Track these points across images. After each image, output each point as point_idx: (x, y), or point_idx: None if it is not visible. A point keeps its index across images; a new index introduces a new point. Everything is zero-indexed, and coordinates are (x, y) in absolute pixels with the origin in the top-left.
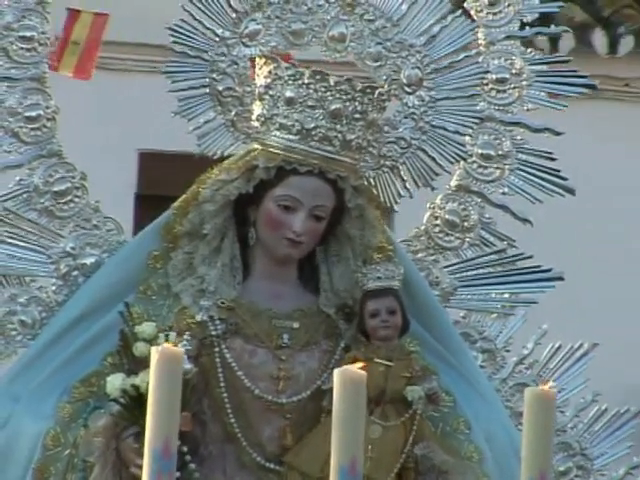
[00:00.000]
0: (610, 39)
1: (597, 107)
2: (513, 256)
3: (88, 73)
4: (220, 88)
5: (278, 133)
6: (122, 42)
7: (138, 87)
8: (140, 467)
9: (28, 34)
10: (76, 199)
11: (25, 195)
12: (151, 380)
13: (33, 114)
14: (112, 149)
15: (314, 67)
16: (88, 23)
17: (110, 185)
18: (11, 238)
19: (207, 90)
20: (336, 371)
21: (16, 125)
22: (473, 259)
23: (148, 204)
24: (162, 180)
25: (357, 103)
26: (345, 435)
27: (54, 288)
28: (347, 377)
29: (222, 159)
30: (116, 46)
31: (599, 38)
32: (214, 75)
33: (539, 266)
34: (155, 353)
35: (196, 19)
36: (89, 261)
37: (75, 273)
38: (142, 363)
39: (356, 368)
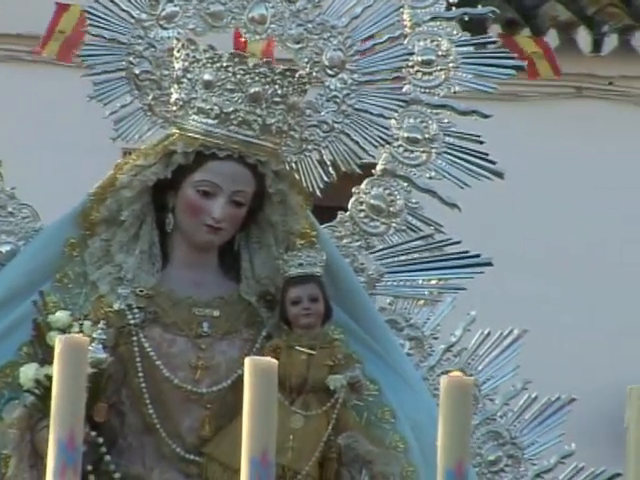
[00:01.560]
0: (594, 38)
1: (581, 106)
2: (440, 241)
3: (69, 58)
4: (137, 71)
5: (196, 117)
6: None
7: None
8: None
9: None
10: None
11: None
12: (55, 370)
13: None
14: (97, 147)
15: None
16: (76, 16)
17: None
18: None
19: (123, 74)
20: (247, 360)
21: None
22: (399, 245)
23: None
24: None
25: (277, 86)
26: (256, 426)
27: None
28: (257, 366)
29: None
30: None
31: (583, 37)
32: (131, 58)
33: (467, 251)
34: (59, 343)
35: (112, 1)
36: (4, 249)
37: None
38: None
39: (270, 357)
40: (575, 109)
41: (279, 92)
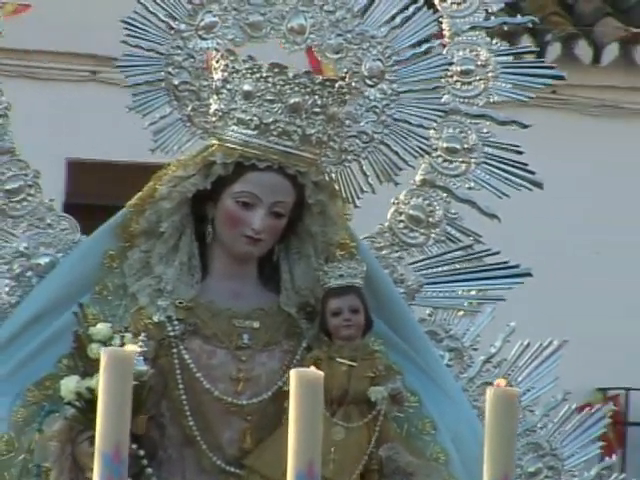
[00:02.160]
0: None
1: (524, 114)
2: (480, 252)
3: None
4: (176, 82)
5: (236, 128)
6: (51, 51)
7: (67, 96)
8: None
9: None
10: (29, 197)
11: None
12: (101, 382)
13: None
14: (40, 157)
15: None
16: (10, 10)
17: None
18: None
19: (163, 84)
20: (292, 372)
21: None
22: (439, 255)
23: (76, 213)
24: (90, 189)
25: (317, 97)
26: (302, 438)
27: (7, 289)
28: (303, 378)
29: (153, 167)
30: (45, 55)
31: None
32: (170, 69)
33: (506, 262)
34: (104, 355)
35: (150, 11)
36: (43, 261)
37: (29, 273)
38: (97, 365)
39: (313, 369)
40: (518, 117)
41: (319, 102)
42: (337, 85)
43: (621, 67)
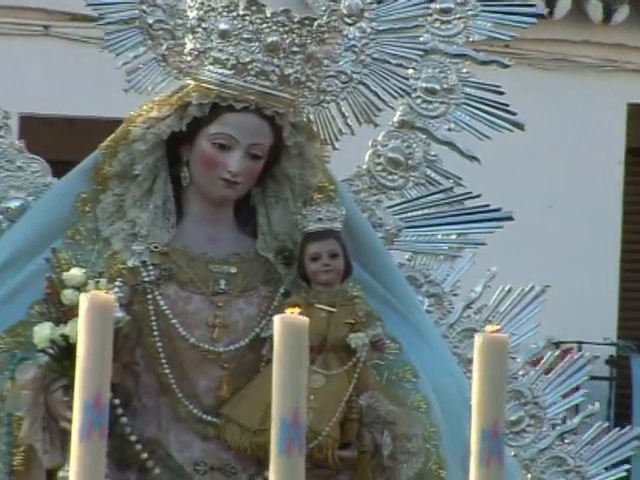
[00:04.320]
0: None
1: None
2: (460, 195)
3: None
4: (150, 21)
5: (212, 68)
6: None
7: (18, 50)
8: (70, 421)
9: None
10: None
11: None
12: (80, 329)
13: None
14: None
15: None
16: None
17: None
18: None
19: (136, 23)
20: (276, 317)
21: None
22: (418, 199)
23: None
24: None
25: (295, 35)
26: (287, 385)
27: None
28: (288, 323)
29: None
30: None
31: None
32: (144, 7)
33: (487, 205)
34: (84, 301)
35: None
36: (14, 205)
37: None
38: (71, 312)
39: (297, 314)
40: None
41: (297, 42)
42: (316, 24)
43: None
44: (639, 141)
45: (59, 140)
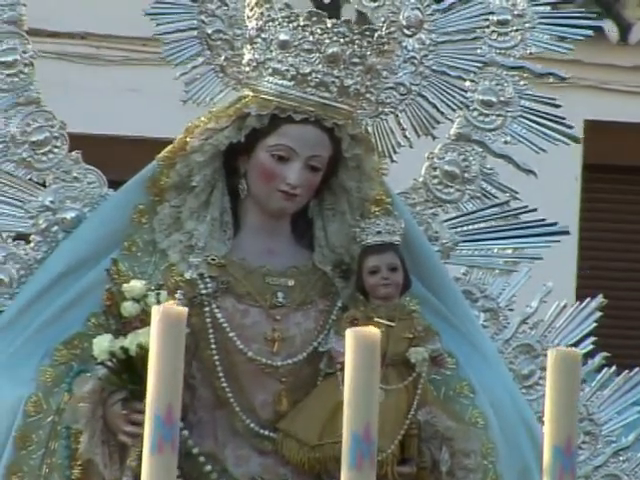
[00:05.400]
0: None
1: None
2: (516, 209)
3: None
4: (209, 31)
5: (271, 79)
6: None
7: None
8: (129, 434)
9: None
10: (55, 149)
11: (1, 145)
12: (152, 342)
13: (9, 59)
14: None
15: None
16: None
17: None
18: None
19: (195, 33)
20: (349, 331)
21: None
22: (474, 212)
23: None
24: None
25: (356, 46)
26: (358, 399)
27: (33, 245)
28: (360, 337)
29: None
30: None
31: None
32: (202, 17)
33: (543, 219)
34: (156, 313)
35: None
36: (69, 215)
37: (55, 228)
38: (130, 324)
39: (369, 328)
40: None
41: (358, 53)
42: (376, 35)
43: None
44: (596, 158)
45: None
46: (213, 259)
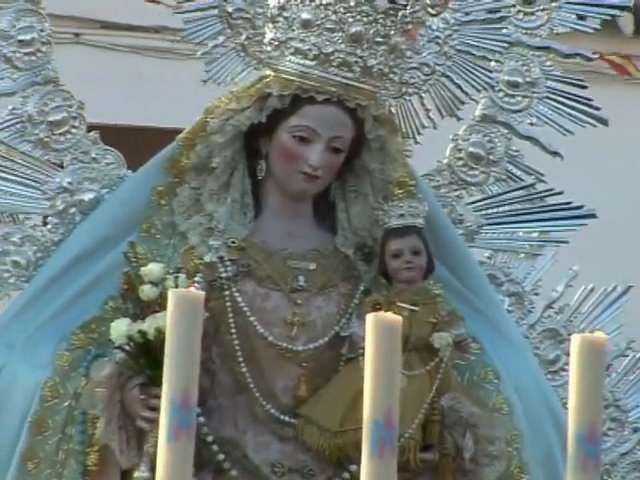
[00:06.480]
0: None
1: None
2: (542, 192)
3: None
4: (230, 10)
5: (293, 58)
6: None
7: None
8: (146, 420)
9: None
10: (73, 130)
11: (18, 125)
12: (169, 326)
13: (27, 37)
14: None
15: None
16: None
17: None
18: (3, 172)
19: (216, 12)
20: (369, 316)
21: (8, 50)
22: (499, 195)
23: None
24: None
25: (379, 26)
26: (379, 385)
27: (50, 226)
28: (381, 322)
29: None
30: None
31: None
32: None
33: (570, 202)
34: (173, 296)
35: None
36: (87, 197)
37: (72, 210)
38: (149, 307)
39: (387, 313)
40: None
41: (381, 32)
42: (400, 14)
43: None
44: None
45: None
46: (233, 242)
